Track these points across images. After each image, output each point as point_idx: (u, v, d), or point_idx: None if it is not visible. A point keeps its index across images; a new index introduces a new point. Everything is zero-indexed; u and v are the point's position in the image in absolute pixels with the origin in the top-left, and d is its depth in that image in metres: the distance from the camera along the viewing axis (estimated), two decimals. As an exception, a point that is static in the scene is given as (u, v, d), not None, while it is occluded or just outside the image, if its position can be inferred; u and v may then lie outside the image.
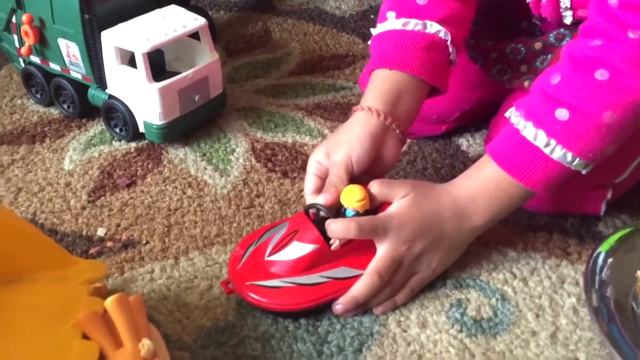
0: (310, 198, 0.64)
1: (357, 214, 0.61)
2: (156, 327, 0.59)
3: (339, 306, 0.60)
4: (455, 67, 0.72)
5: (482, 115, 0.88)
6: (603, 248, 0.63)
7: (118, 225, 0.73)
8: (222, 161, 0.84)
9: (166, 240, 0.71)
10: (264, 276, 0.60)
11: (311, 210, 0.63)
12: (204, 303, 0.63)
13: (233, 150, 0.86)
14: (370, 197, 0.61)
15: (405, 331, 0.60)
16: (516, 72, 0.78)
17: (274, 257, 0.61)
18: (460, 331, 0.60)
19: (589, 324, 0.60)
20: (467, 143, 0.86)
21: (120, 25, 0.83)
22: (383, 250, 0.60)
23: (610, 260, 0.62)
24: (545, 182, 0.60)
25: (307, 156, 0.84)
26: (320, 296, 0.60)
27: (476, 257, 0.68)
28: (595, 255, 0.62)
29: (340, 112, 0.93)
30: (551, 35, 0.75)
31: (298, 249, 0.60)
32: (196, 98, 0.86)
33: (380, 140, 0.65)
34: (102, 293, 0.60)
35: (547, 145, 0.58)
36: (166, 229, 0.72)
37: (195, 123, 0.88)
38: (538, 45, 0.76)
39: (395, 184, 0.63)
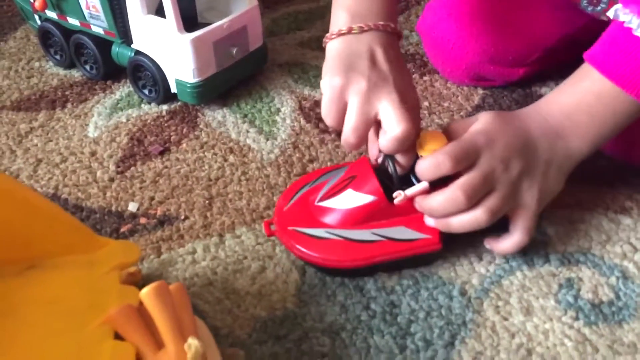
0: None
1: None
2: (202, 319, 0.49)
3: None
4: None
5: (569, 58, 0.75)
6: None
7: (152, 198, 0.63)
8: (266, 123, 0.73)
9: (208, 214, 0.61)
10: (309, 223, 0.53)
11: (374, 157, 0.53)
12: (257, 289, 0.53)
13: (278, 110, 0.75)
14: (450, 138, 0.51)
15: (506, 319, 0.49)
16: (612, 0, 0.65)
17: (324, 203, 0.53)
18: (576, 319, 0.48)
19: None
20: (551, 93, 0.73)
21: (145, -33, 0.72)
22: (474, 168, 0.49)
23: None
24: None
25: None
26: (369, 256, 0.51)
27: (581, 225, 0.56)
28: None
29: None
30: None
31: (352, 198, 0.52)
32: (234, 51, 0.75)
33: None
34: (137, 280, 0.51)
35: None
36: (207, 201, 0.62)
37: (233, 81, 0.77)
38: None
39: (471, 117, 0.52)
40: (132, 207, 0.62)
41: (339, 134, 0.70)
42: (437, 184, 0.50)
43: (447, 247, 0.53)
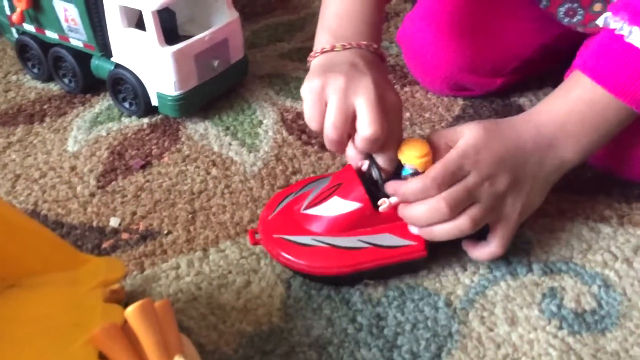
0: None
1: (416, 173, 0.50)
2: (187, 335, 0.48)
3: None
4: (510, 6, 0.60)
5: (546, 68, 0.76)
6: None
7: (134, 213, 0.62)
8: (248, 135, 0.73)
9: (191, 229, 0.60)
10: (295, 231, 0.53)
11: (360, 163, 0.53)
12: (242, 303, 0.53)
13: (260, 122, 0.74)
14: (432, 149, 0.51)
15: (491, 330, 0.49)
16: (589, 12, 0.66)
17: (310, 211, 0.53)
18: (560, 328, 0.49)
19: None
20: (529, 103, 0.75)
21: (125, -20, 0.71)
22: (461, 182, 0.49)
23: None
24: None
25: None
26: (355, 263, 0.51)
27: (563, 234, 0.57)
28: None
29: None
30: None
31: (338, 206, 0.52)
32: (215, 64, 0.75)
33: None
34: (120, 297, 0.50)
35: None
36: (190, 215, 0.62)
37: (215, 93, 0.77)
38: None
39: (457, 127, 0.52)
40: (114, 222, 0.61)
41: (322, 145, 0.71)
42: None
43: (432, 257, 0.53)
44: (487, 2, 0.72)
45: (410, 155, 0.51)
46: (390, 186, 0.51)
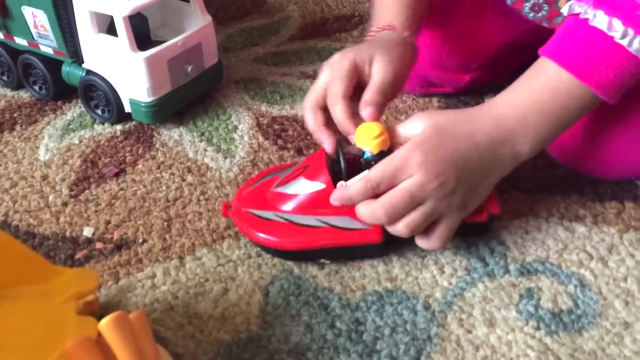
0: (345, 104, 0.55)
1: (372, 158, 0.51)
2: (164, 346, 0.48)
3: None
4: (477, 2, 0.61)
5: (517, 65, 0.76)
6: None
7: (108, 222, 0.61)
8: (224, 140, 0.72)
9: (167, 237, 0.59)
10: (262, 206, 0.56)
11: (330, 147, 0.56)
12: (220, 312, 0.52)
13: (236, 128, 0.74)
14: (392, 138, 0.52)
15: (470, 332, 0.49)
16: (554, 7, 0.67)
17: (278, 189, 0.56)
18: (538, 328, 0.49)
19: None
20: (504, 104, 0.75)
21: (95, -14, 0.70)
22: (403, 184, 0.49)
23: None
24: (616, 84, 0.49)
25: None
26: (309, 240, 0.54)
27: (538, 234, 0.57)
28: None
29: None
30: None
31: (302, 186, 0.55)
32: (189, 69, 0.74)
33: (411, 58, 0.60)
34: (94, 309, 0.49)
35: (624, 35, 0.47)
36: (166, 223, 0.61)
37: (189, 98, 0.76)
38: None
39: (414, 116, 0.52)
40: (88, 232, 0.60)
41: (297, 150, 0.70)
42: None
43: (406, 257, 0.55)
44: None
45: (362, 138, 0.52)
46: (336, 193, 0.52)
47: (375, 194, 0.50)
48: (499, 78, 0.77)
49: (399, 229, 0.51)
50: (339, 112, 0.54)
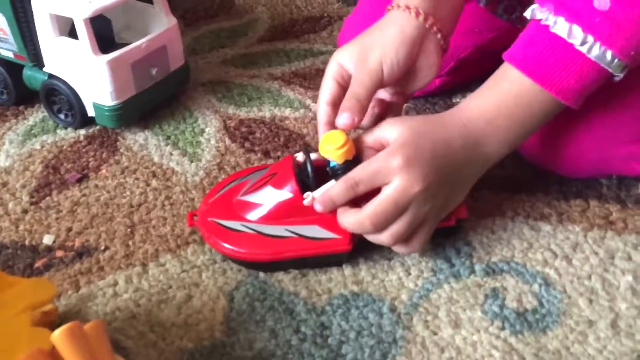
0: (324, 109, 0.54)
1: (339, 167, 0.51)
2: (125, 356, 0.47)
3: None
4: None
5: (486, 69, 0.77)
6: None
7: (69, 229, 0.60)
8: (190, 144, 0.71)
9: (130, 243, 0.58)
10: (229, 216, 0.55)
11: (298, 156, 0.55)
12: (183, 319, 0.51)
13: (202, 131, 0.73)
14: (359, 146, 0.52)
15: (435, 334, 0.49)
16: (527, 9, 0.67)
17: (244, 198, 0.55)
18: (502, 328, 0.49)
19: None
20: (471, 104, 0.75)
21: (54, -12, 0.69)
22: (387, 190, 0.48)
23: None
24: (578, 90, 0.49)
25: (290, 131, 0.72)
26: (278, 251, 0.53)
27: (504, 234, 0.57)
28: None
29: (322, 79, 0.81)
30: None
31: (269, 195, 0.54)
32: (154, 72, 0.73)
33: (419, 47, 0.55)
34: (52, 319, 0.48)
35: (583, 42, 0.48)
36: (129, 229, 0.60)
37: (154, 102, 0.75)
38: None
39: (384, 122, 0.52)
40: (48, 239, 0.59)
41: (265, 152, 0.70)
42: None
43: (372, 260, 0.54)
44: None
45: (326, 149, 0.51)
46: (318, 198, 0.51)
47: (356, 196, 0.50)
48: (468, 80, 0.77)
49: (383, 238, 0.50)
50: (319, 117, 0.55)
